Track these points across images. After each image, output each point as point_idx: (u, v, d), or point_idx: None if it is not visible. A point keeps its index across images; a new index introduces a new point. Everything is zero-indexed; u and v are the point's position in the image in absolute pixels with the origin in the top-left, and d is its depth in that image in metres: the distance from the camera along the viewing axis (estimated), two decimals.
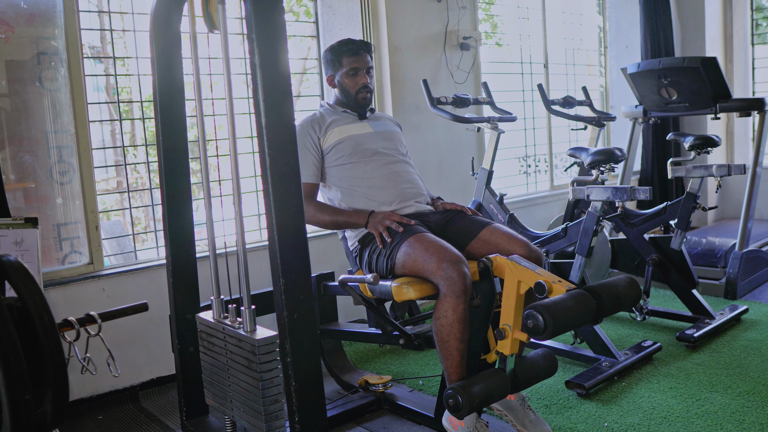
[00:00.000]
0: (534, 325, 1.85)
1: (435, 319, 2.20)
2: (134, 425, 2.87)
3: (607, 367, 2.96)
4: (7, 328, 1.14)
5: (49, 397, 1.23)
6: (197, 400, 2.41)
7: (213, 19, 2.04)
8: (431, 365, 3.26)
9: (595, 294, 1.96)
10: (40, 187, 2.99)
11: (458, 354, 2.18)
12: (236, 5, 3.68)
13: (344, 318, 3.36)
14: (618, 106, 5.76)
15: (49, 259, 3.02)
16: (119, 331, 2.96)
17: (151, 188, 3.43)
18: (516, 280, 2.08)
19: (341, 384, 3.00)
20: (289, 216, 1.80)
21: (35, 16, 2.94)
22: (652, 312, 3.64)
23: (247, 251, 2.09)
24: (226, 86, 2.00)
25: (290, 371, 1.82)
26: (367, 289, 2.43)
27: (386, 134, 2.72)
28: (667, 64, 4.00)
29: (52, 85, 3.01)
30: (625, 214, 3.42)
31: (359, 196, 2.58)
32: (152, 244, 3.55)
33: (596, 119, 4.27)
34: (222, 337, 2.07)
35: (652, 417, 2.59)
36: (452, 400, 2.06)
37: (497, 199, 3.79)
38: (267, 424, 1.91)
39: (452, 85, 4.36)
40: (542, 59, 5.26)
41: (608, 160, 3.66)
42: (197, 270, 2.44)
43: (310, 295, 1.84)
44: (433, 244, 2.26)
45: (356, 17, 4.06)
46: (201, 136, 2.16)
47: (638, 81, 4.19)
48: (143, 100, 3.37)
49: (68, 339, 1.79)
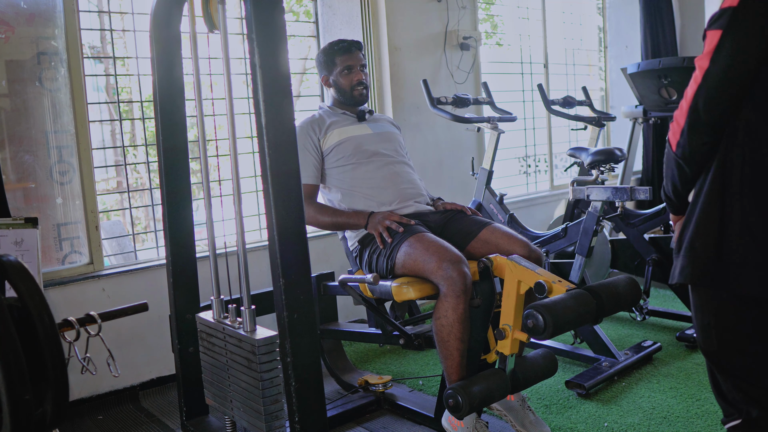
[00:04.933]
0: (534, 325, 1.85)
1: (435, 318, 2.20)
2: (134, 425, 2.87)
3: (607, 367, 2.96)
4: (7, 328, 1.14)
5: (49, 397, 1.23)
6: (197, 400, 2.41)
7: (213, 19, 2.04)
8: (431, 365, 3.26)
9: (595, 294, 1.96)
10: (40, 187, 2.99)
11: (458, 354, 2.18)
12: (236, 5, 3.68)
13: (344, 318, 3.37)
14: (618, 106, 5.76)
15: (49, 259, 3.02)
16: (119, 331, 2.96)
17: (151, 188, 3.43)
18: (516, 280, 2.08)
19: (341, 384, 3.00)
20: (289, 216, 1.80)
21: (35, 16, 2.94)
22: (652, 312, 3.64)
23: (247, 251, 2.09)
24: (226, 86, 2.00)
25: (290, 371, 1.82)
26: (367, 289, 2.43)
27: (385, 135, 2.73)
28: (667, 64, 3.99)
29: (52, 85, 3.01)
30: (625, 214, 3.42)
31: (359, 197, 2.58)
32: (152, 244, 3.55)
33: (596, 119, 4.27)
34: (222, 337, 2.07)
35: (652, 417, 2.59)
36: (452, 400, 2.06)
37: (497, 199, 3.78)
38: (267, 424, 1.91)
39: (452, 85, 4.36)
40: (542, 59, 5.26)
41: (608, 160, 3.66)
42: (197, 270, 2.43)
43: (310, 295, 1.84)
44: (434, 244, 2.26)
45: (356, 17, 4.06)
46: (201, 136, 2.16)
47: (638, 81, 4.19)
48: (143, 100, 3.37)
49: (68, 339, 1.79)
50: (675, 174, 1.54)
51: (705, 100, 1.42)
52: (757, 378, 1.50)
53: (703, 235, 1.46)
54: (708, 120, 1.43)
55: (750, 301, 1.47)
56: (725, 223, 1.44)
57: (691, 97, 1.44)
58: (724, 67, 1.39)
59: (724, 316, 1.51)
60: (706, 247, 1.45)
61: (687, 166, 1.50)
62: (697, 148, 1.46)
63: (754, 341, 1.50)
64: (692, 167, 1.50)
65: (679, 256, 1.52)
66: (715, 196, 1.46)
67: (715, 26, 1.42)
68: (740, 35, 1.38)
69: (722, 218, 1.44)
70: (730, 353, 1.53)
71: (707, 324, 1.54)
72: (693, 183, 1.54)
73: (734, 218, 1.43)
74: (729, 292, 1.47)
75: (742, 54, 1.39)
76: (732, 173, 1.44)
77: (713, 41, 1.41)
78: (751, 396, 1.51)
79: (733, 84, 1.40)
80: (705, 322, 1.54)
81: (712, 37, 1.41)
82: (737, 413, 1.53)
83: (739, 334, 1.51)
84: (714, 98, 1.42)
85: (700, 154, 1.47)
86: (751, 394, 1.51)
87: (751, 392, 1.51)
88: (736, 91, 1.41)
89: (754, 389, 1.50)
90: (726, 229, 1.44)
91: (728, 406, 1.56)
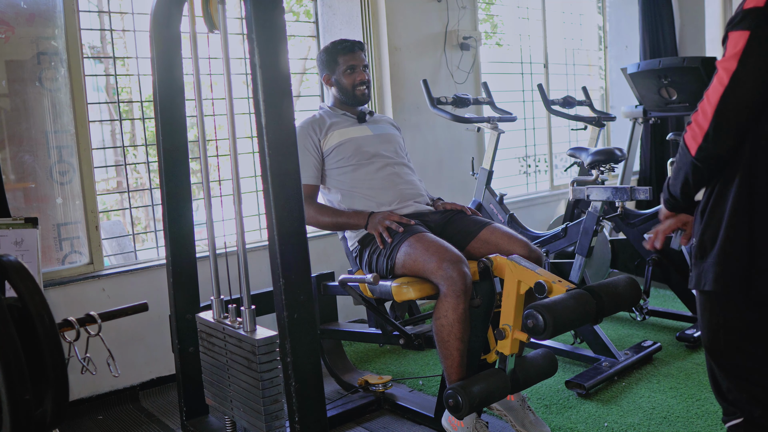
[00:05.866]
0: (534, 325, 1.85)
1: (435, 318, 2.20)
2: (134, 425, 2.87)
3: (607, 367, 2.96)
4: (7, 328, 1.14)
5: (49, 397, 1.23)
6: (197, 400, 2.41)
7: (213, 19, 2.04)
8: (431, 365, 3.26)
9: (595, 294, 1.96)
10: (40, 187, 2.99)
11: (458, 354, 2.18)
12: (236, 5, 3.68)
13: (344, 318, 3.36)
14: (618, 106, 5.76)
15: (49, 259, 3.02)
16: (119, 331, 2.96)
17: (151, 188, 3.43)
18: (516, 280, 2.08)
19: (341, 384, 3.00)
20: (289, 216, 1.80)
21: (35, 16, 2.94)
22: (652, 312, 3.64)
23: (247, 251, 2.09)
24: (226, 86, 2.00)
25: (290, 371, 1.82)
26: (367, 289, 2.43)
27: (386, 137, 2.73)
28: (667, 64, 3.99)
29: (52, 85, 3.01)
30: (625, 214, 3.42)
31: (359, 197, 2.58)
32: (152, 244, 3.55)
33: (596, 119, 4.27)
34: (222, 337, 2.07)
35: (652, 417, 2.59)
36: (452, 400, 2.06)
37: (497, 199, 3.79)
38: (267, 424, 1.91)
39: (452, 85, 4.36)
40: (542, 59, 5.26)
41: (608, 160, 3.66)
42: (197, 270, 2.43)
43: (310, 295, 1.84)
44: (434, 244, 2.26)
45: (356, 17, 4.06)
46: (201, 136, 2.15)
47: (638, 81, 4.19)
48: (143, 100, 3.37)
49: (68, 339, 1.79)
50: (690, 177, 1.52)
51: (734, 102, 1.39)
52: (760, 378, 1.51)
53: (735, 241, 1.45)
54: (736, 123, 1.41)
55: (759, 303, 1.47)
56: (755, 227, 1.43)
57: (716, 101, 1.41)
58: (755, 69, 1.36)
59: (733, 317, 1.51)
60: (740, 254, 1.44)
61: (706, 169, 1.47)
62: (721, 151, 1.44)
63: (758, 342, 1.50)
64: (711, 170, 1.48)
65: (707, 262, 1.50)
66: (744, 202, 1.44)
67: (739, 27, 1.38)
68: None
69: (752, 223, 1.43)
70: (735, 353, 1.53)
71: (716, 324, 1.54)
72: (705, 185, 1.53)
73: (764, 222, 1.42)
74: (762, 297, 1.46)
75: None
76: (758, 178, 1.43)
77: (739, 43, 1.37)
78: (754, 396, 1.51)
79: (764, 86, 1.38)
80: (714, 323, 1.54)
81: (738, 38, 1.38)
82: (739, 412, 1.54)
83: (745, 335, 1.51)
84: (744, 100, 1.39)
85: (722, 157, 1.45)
86: (754, 394, 1.51)
87: (754, 392, 1.51)
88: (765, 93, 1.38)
89: (758, 389, 1.51)
90: (756, 233, 1.43)
91: (729, 405, 1.57)
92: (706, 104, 1.44)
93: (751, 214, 1.44)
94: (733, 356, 1.54)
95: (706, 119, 1.43)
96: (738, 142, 1.44)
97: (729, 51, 1.40)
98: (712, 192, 1.51)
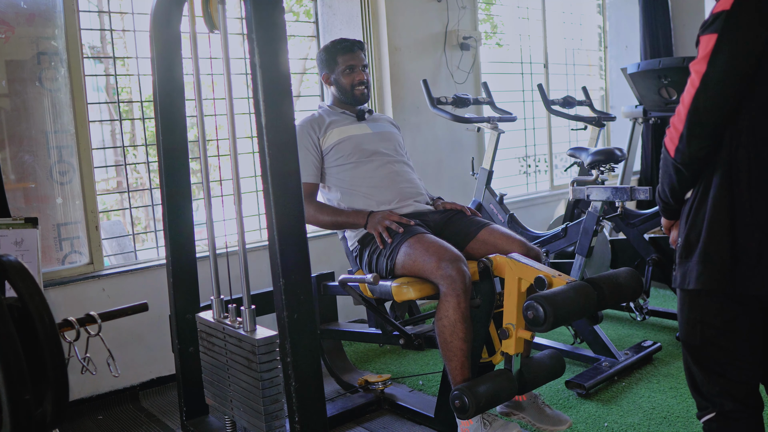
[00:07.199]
0: (534, 316, 1.83)
1: (437, 319, 2.19)
2: (134, 425, 2.87)
3: (607, 367, 2.96)
4: (7, 328, 1.14)
5: (49, 397, 1.22)
6: (197, 400, 2.41)
7: (213, 19, 2.04)
8: (431, 365, 3.26)
9: (596, 285, 1.94)
10: (40, 187, 2.99)
11: (462, 354, 2.17)
12: (236, 5, 3.68)
13: (344, 318, 3.36)
14: (618, 106, 5.76)
15: (49, 259, 3.02)
16: (119, 331, 2.96)
17: (151, 188, 3.43)
18: (516, 278, 2.07)
19: (341, 384, 3.00)
20: (289, 216, 1.80)
21: (35, 16, 2.94)
22: (652, 312, 3.64)
23: (247, 251, 2.09)
24: (226, 86, 2.00)
25: (290, 371, 1.82)
26: (367, 289, 2.43)
27: (385, 135, 2.73)
28: (667, 64, 3.99)
29: (52, 85, 3.01)
30: (625, 214, 3.42)
31: (358, 196, 2.58)
32: (152, 244, 3.55)
33: (596, 119, 4.27)
34: (222, 337, 2.07)
35: (652, 417, 2.59)
36: (458, 401, 2.04)
37: (497, 199, 3.79)
38: (267, 424, 1.91)
39: (452, 85, 4.36)
40: (542, 59, 5.26)
41: (608, 160, 3.66)
42: (197, 270, 2.43)
43: (310, 295, 1.84)
44: (433, 245, 2.26)
45: (356, 17, 4.06)
46: (201, 136, 2.15)
47: (638, 81, 4.19)
48: (143, 100, 3.37)
49: (68, 339, 1.79)
50: (674, 179, 1.55)
51: (705, 103, 1.42)
52: (733, 372, 1.55)
53: (717, 240, 1.47)
54: (709, 123, 1.43)
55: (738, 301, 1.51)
56: (736, 225, 1.45)
57: (689, 102, 1.44)
58: (723, 69, 1.40)
59: (711, 313, 1.55)
60: (721, 251, 1.46)
61: (686, 170, 1.50)
62: (696, 152, 1.46)
63: (734, 338, 1.54)
64: (692, 171, 1.51)
65: (691, 261, 1.52)
66: (724, 199, 1.46)
67: (709, 31, 1.42)
68: (736, 37, 1.39)
69: (733, 220, 1.45)
70: (710, 348, 1.57)
71: (694, 320, 1.58)
72: (692, 186, 1.55)
73: (745, 219, 1.44)
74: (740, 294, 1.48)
75: (740, 55, 1.39)
76: (739, 175, 1.44)
77: (709, 45, 1.41)
78: (727, 390, 1.56)
79: (733, 85, 1.41)
80: (692, 318, 1.58)
81: (707, 41, 1.42)
82: (711, 406, 1.59)
83: (722, 331, 1.55)
84: (715, 101, 1.42)
85: (700, 158, 1.48)
86: (727, 388, 1.56)
87: (727, 386, 1.56)
88: (736, 93, 1.42)
89: (730, 383, 1.56)
90: (737, 230, 1.44)
91: (702, 400, 1.61)
92: (681, 107, 1.47)
93: (732, 212, 1.46)
94: (709, 351, 1.58)
95: (681, 121, 1.46)
96: (714, 142, 1.46)
97: (700, 54, 1.44)
98: (697, 192, 1.53)
